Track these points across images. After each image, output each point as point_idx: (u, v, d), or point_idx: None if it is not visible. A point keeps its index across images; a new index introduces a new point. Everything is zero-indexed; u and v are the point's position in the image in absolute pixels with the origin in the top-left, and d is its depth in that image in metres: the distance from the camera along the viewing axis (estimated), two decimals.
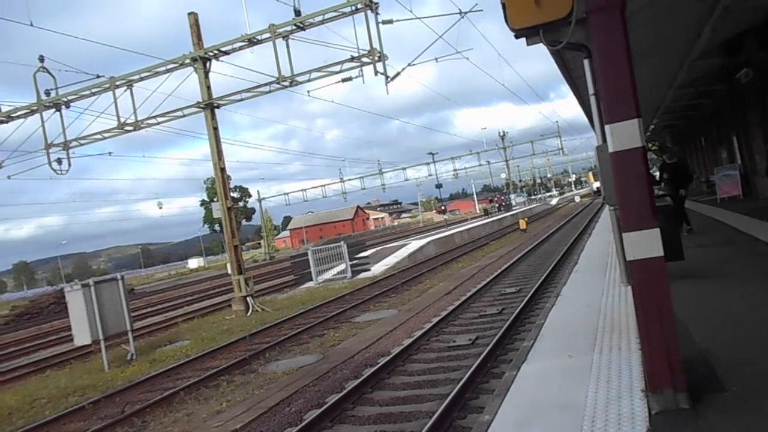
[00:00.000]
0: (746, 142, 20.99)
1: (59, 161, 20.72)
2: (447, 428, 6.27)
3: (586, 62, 7.23)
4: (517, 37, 4.04)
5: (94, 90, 19.89)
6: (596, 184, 64.11)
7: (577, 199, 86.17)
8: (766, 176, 17.17)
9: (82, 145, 21.03)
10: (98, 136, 20.74)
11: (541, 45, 4.29)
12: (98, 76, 19.87)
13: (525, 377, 5.43)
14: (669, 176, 13.36)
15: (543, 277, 14.22)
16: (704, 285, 7.94)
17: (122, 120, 20.01)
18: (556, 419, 4.23)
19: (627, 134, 3.71)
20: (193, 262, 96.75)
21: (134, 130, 20.36)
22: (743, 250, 10.39)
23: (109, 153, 28.69)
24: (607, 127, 3.81)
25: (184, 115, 19.96)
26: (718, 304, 6.80)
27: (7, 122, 20.80)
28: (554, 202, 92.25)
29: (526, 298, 11.89)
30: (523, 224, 37.64)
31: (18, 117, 20.70)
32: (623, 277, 8.87)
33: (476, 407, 6.60)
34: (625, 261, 5.66)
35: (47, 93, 19.87)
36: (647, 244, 3.75)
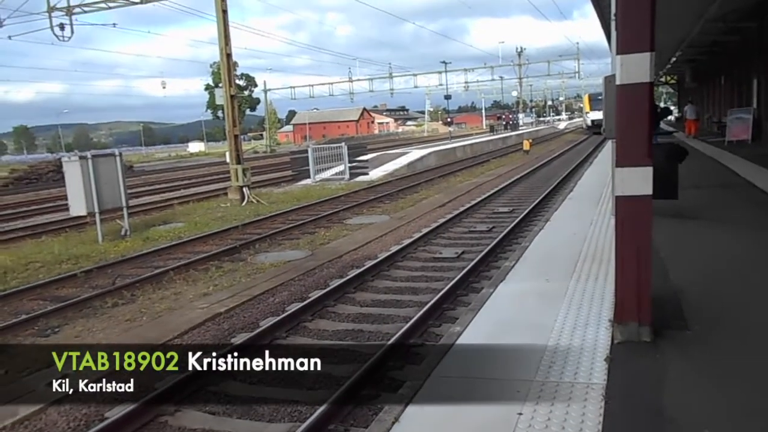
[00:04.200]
0: (766, 87, 20.48)
1: (62, 27, 20.15)
2: (422, 333, 6.54)
3: None
4: None
5: None
6: (592, 116, 51.64)
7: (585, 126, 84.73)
8: None
9: (85, 12, 20.38)
10: (103, 5, 20.03)
11: None
12: None
13: (501, 296, 5.62)
14: None
15: (537, 201, 14.31)
16: (692, 226, 8.02)
17: None
18: (523, 337, 4.42)
19: (637, 68, 3.60)
20: (194, 146, 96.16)
21: (141, 2, 19.63)
22: (738, 194, 10.43)
23: (114, 24, 27.66)
24: (617, 58, 3.69)
25: None
26: (701, 246, 6.92)
27: None
28: (562, 126, 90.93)
29: (517, 220, 12.02)
30: (527, 145, 37.33)
31: None
32: (614, 209, 8.94)
33: (452, 318, 6.84)
34: None
35: None
36: (638, 181, 3.75)
